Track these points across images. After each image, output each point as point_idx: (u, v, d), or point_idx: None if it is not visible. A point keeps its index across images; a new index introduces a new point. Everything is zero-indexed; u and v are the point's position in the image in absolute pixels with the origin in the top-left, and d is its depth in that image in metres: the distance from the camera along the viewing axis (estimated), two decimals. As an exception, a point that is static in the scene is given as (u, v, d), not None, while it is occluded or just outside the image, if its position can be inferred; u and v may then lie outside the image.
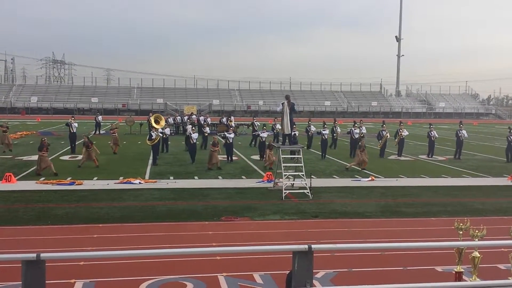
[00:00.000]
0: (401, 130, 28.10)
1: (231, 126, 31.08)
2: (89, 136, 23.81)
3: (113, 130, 28.57)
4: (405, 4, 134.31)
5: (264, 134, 26.77)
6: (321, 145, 27.28)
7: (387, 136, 27.58)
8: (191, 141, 24.57)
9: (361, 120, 31.23)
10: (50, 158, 24.23)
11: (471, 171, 22.93)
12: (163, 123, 26.25)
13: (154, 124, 25.01)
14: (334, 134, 30.34)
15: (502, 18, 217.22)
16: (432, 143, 28.31)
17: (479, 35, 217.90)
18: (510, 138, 26.41)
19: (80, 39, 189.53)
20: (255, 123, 34.17)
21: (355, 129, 27.90)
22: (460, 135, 27.78)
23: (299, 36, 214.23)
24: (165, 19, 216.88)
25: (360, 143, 23.30)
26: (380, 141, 27.91)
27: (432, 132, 28.16)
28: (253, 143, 32.12)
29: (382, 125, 28.60)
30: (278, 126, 30.48)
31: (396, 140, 28.38)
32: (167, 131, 28.17)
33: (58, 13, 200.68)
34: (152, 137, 23.50)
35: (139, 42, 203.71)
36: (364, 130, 28.83)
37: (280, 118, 18.38)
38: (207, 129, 29.82)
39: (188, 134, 28.82)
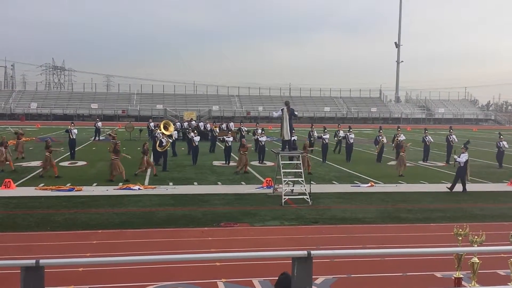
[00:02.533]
0: (398, 135, 28.48)
1: (213, 131, 33.49)
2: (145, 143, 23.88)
3: (112, 136, 28.52)
4: (405, 10, 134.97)
5: (263, 139, 27.13)
6: (321, 150, 28.12)
7: (383, 141, 28.05)
8: (193, 144, 25.66)
9: (313, 126, 32.31)
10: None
11: (471, 177, 22.90)
12: (172, 129, 26.62)
13: (163, 131, 25.27)
14: (311, 139, 31.39)
15: (501, 23, 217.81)
16: (427, 148, 28.69)
17: (479, 40, 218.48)
18: (499, 144, 26.68)
19: (80, 45, 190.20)
20: (243, 128, 34.67)
21: (350, 134, 28.44)
22: (450, 139, 28.25)
23: (298, 41, 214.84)
24: (165, 25, 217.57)
25: (400, 143, 23.61)
26: (377, 146, 28.41)
27: (427, 137, 28.55)
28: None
29: (379, 131, 29.16)
30: (259, 131, 31.61)
31: (393, 144, 28.85)
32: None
33: (58, 19, 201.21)
34: (163, 144, 23.55)
35: (138, 48, 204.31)
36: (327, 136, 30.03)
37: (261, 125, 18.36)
38: (192, 135, 30.13)
39: (174, 140, 29.16)
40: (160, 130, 26.06)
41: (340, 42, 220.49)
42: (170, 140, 24.95)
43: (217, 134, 34.55)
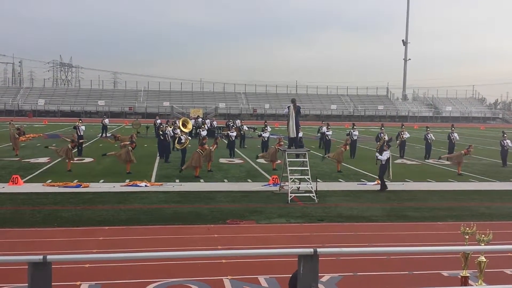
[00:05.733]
0: (402, 133, 28.95)
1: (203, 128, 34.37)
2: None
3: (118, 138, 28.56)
4: (412, 7, 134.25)
5: (266, 134, 28.66)
6: (325, 145, 29.74)
7: (384, 138, 28.42)
8: (200, 138, 26.87)
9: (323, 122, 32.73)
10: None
11: (478, 176, 22.83)
12: (190, 126, 27.06)
13: (182, 128, 25.58)
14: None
15: (509, 21, 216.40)
16: (429, 146, 29.09)
17: (486, 38, 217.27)
18: (503, 142, 26.61)
19: (87, 42, 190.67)
20: (230, 124, 35.14)
21: (354, 131, 29.23)
22: (452, 137, 28.57)
23: (305, 39, 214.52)
24: (172, 22, 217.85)
25: (468, 148, 23.78)
26: (378, 143, 28.81)
27: (428, 135, 28.88)
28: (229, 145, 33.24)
29: (381, 128, 30.25)
30: (245, 128, 34.89)
31: (397, 142, 29.20)
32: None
33: (65, 16, 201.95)
34: (182, 141, 23.67)
35: (145, 45, 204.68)
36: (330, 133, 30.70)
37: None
38: (178, 131, 30.40)
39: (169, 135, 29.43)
40: (179, 127, 26.45)
41: (347, 40, 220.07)
42: (189, 137, 25.16)
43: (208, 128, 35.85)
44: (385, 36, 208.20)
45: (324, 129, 32.89)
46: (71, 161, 21.69)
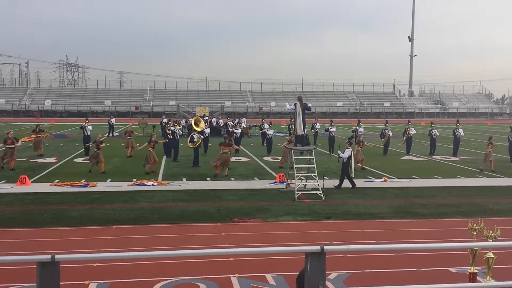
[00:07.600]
0: (409, 129, 29.21)
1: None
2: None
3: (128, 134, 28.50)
4: (418, 3, 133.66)
5: (271, 132, 29.29)
6: (328, 142, 29.68)
7: (389, 134, 28.68)
8: (204, 135, 27.69)
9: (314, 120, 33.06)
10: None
11: (486, 172, 22.71)
12: (202, 125, 27.25)
13: (194, 127, 25.68)
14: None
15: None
16: (434, 141, 29.20)
17: (493, 33, 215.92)
18: (511, 138, 26.48)
19: (93, 42, 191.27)
20: (229, 123, 35.38)
21: (359, 128, 29.73)
22: (457, 133, 28.68)
23: (311, 36, 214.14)
24: (177, 21, 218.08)
25: (490, 140, 23.63)
26: (382, 139, 29.11)
27: (433, 131, 29.03)
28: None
29: (385, 124, 30.33)
30: (243, 125, 35.25)
31: (404, 138, 29.35)
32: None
33: (71, 16, 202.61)
34: (194, 140, 23.69)
35: (151, 44, 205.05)
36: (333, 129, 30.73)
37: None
38: (178, 129, 30.50)
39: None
40: (191, 126, 26.70)
41: (353, 36, 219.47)
42: (201, 136, 25.24)
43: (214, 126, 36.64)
44: (390, 32, 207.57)
45: (318, 125, 33.42)
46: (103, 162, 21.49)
